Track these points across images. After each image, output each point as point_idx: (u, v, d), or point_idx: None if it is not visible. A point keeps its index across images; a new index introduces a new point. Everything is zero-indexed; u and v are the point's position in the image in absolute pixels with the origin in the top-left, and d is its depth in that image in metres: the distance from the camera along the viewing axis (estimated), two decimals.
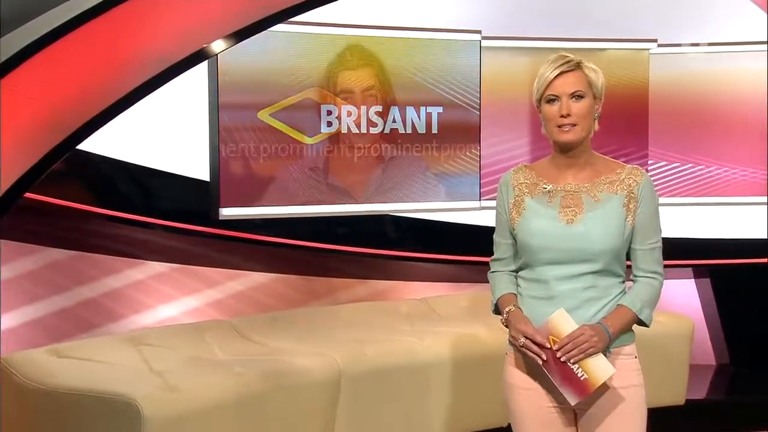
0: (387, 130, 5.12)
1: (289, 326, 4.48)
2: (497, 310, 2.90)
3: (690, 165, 5.69)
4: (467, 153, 5.32)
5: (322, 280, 5.30)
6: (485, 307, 4.88)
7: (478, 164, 5.33)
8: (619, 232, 2.73)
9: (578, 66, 2.76)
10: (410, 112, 5.18)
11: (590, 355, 2.64)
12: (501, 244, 2.90)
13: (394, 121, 5.14)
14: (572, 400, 2.69)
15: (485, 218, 5.35)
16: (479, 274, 5.46)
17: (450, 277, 5.53)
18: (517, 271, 2.87)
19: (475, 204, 5.33)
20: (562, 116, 2.72)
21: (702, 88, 5.67)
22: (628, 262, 2.83)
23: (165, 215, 4.67)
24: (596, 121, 2.79)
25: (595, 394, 2.70)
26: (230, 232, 4.82)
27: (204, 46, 4.22)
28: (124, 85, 4.05)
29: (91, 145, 4.42)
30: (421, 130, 5.22)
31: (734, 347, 5.89)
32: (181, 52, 4.17)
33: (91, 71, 4.00)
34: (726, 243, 5.73)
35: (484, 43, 5.32)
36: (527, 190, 2.81)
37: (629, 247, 2.79)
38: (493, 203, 2.85)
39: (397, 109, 5.14)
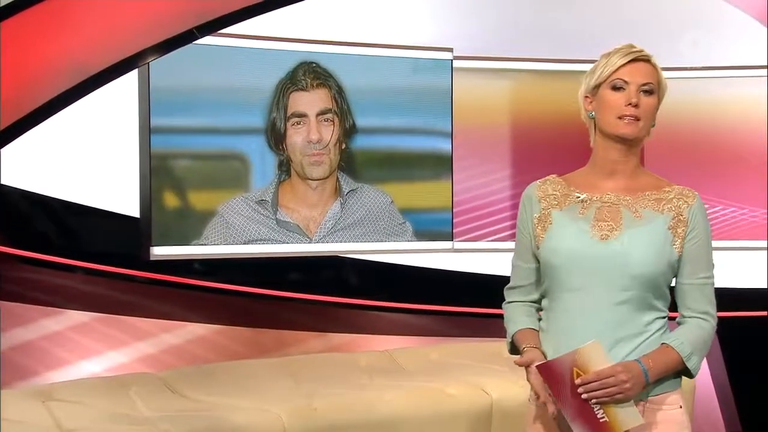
0: (345, 159, 5.01)
1: (228, 379, 4.36)
2: (514, 350, 2.74)
3: None
4: (438, 186, 5.20)
5: (271, 332, 5.14)
6: (460, 360, 4.88)
7: (451, 199, 5.21)
8: (662, 257, 2.58)
9: (650, 59, 2.67)
10: (372, 139, 5.08)
11: (618, 401, 2.49)
12: (521, 269, 2.75)
13: (353, 148, 5.02)
14: None
15: (459, 262, 5.28)
16: (453, 326, 5.45)
17: (419, 330, 5.38)
18: (539, 301, 2.74)
19: (447, 245, 5.19)
20: (629, 104, 2.59)
21: (706, 117, 5.59)
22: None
23: (86, 256, 4.54)
24: (652, 130, 2.68)
25: None
26: (164, 276, 4.70)
27: (131, 54, 4.14)
28: (34, 97, 3.99)
29: None
30: (385, 159, 5.12)
31: (746, 414, 5.71)
32: (103, 62, 4.13)
33: None
34: (735, 293, 5.53)
35: (457, 63, 5.24)
36: (556, 203, 2.68)
37: (676, 282, 2.64)
38: (467, 245, 2.75)
39: (357, 136, 5.03)
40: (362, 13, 5.17)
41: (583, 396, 2.47)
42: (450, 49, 5.22)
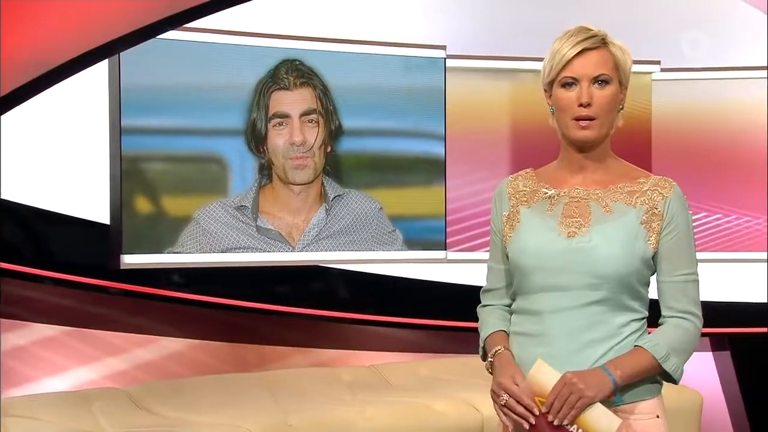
0: (331, 163, 4.91)
1: (198, 394, 4.30)
2: (485, 355, 2.64)
3: (704, 214, 5.50)
4: (430, 192, 5.11)
5: (252, 347, 5.08)
6: (450, 376, 4.76)
7: (444, 206, 5.12)
8: (633, 254, 2.47)
9: (604, 43, 2.51)
10: (359, 141, 5.00)
11: (583, 407, 2.38)
12: (494, 270, 2.66)
13: (339, 151, 4.93)
14: None
15: (452, 273, 5.19)
16: (447, 341, 5.35)
17: (410, 346, 5.33)
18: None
19: (440, 255, 5.10)
20: (581, 105, 2.48)
21: (716, 120, 5.50)
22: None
23: (52, 265, 4.47)
24: (620, 115, 2.56)
25: None
26: (136, 287, 4.62)
27: (96, 46, 4.08)
28: None
29: None
30: (373, 163, 5.04)
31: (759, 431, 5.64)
32: (68, 54, 4.09)
33: None
34: (751, 307, 5.52)
35: (450, 62, 5.17)
36: (525, 199, 2.58)
37: (656, 280, 2.54)
38: (461, 255, 2.64)
39: (344, 138, 4.94)
40: (348, 7, 5.11)
41: (555, 422, 2.38)
42: (443, 47, 5.14)
